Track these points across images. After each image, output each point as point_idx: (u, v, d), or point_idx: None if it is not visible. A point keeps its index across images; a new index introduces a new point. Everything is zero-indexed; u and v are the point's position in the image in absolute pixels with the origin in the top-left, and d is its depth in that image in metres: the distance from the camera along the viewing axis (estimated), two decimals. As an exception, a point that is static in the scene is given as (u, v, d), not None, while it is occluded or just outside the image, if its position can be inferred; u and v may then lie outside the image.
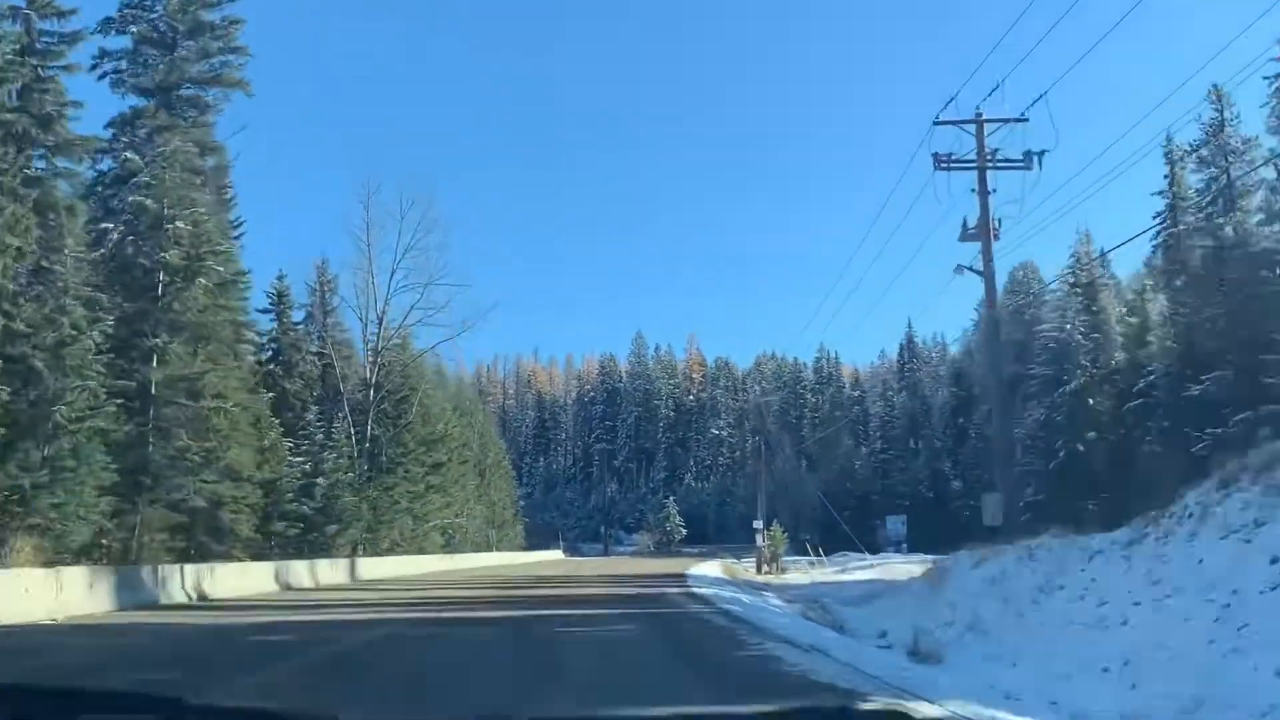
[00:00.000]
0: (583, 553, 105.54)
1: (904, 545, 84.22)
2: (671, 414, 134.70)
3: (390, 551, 39.52)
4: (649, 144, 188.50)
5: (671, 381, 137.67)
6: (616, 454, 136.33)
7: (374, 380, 39.45)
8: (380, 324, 39.90)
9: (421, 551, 43.33)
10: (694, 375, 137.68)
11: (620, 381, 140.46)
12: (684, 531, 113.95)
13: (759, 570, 48.74)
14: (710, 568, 43.95)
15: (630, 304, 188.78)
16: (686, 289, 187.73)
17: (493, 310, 68.03)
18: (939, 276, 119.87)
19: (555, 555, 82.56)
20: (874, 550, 69.45)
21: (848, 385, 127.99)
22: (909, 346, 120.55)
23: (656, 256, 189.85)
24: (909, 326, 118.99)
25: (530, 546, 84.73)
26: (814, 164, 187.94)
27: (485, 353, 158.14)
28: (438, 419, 45.40)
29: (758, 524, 56.31)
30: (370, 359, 40.00)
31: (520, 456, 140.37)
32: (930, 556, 61.38)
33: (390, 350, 40.58)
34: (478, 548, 60.59)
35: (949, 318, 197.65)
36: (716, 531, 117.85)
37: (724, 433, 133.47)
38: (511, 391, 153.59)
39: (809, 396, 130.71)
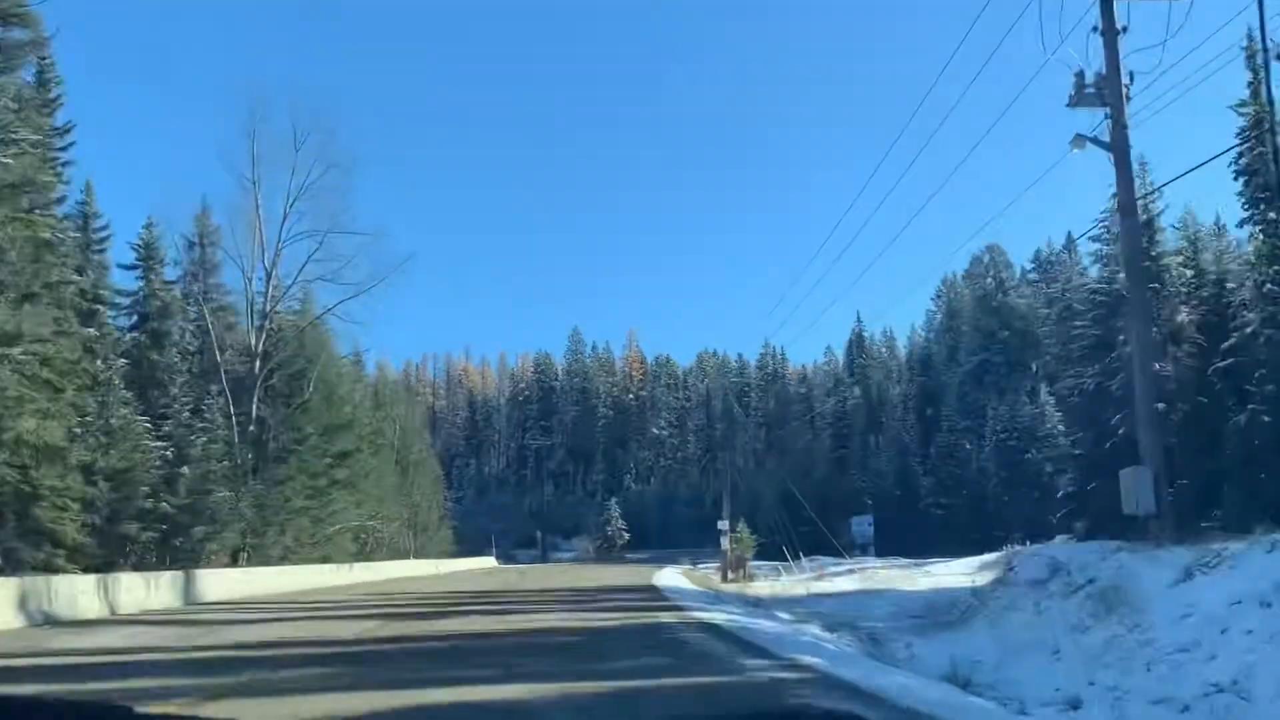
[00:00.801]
0: (518, 560, 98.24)
1: (871, 548, 78.75)
2: (610, 413, 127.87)
3: (285, 560, 32.19)
4: (585, 137, 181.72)
5: (610, 380, 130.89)
6: (552, 455, 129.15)
7: (260, 349, 31.96)
8: (269, 280, 32.47)
9: (327, 560, 36.04)
10: (633, 373, 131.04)
11: (556, 380, 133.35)
12: (626, 535, 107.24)
13: (724, 578, 42.09)
14: (673, 576, 37.18)
15: (567, 300, 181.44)
16: (626, 284, 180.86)
17: (409, 262, 51.75)
18: (895, 274, 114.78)
19: (488, 562, 75.06)
20: (838, 553, 63.22)
21: (794, 383, 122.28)
22: (858, 343, 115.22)
23: (595, 251, 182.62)
24: (858, 321, 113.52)
25: (461, 553, 77.03)
26: (757, 158, 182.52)
27: (413, 351, 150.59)
28: (344, 401, 37.96)
29: (723, 524, 49.58)
30: (256, 324, 32.42)
31: (451, 459, 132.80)
32: (909, 560, 55.68)
33: (282, 315, 33.06)
34: (398, 555, 53.19)
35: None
36: (660, 535, 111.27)
37: (665, 433, 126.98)
38: (442, 391, 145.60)
39: (754, 395, 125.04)
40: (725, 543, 48.61)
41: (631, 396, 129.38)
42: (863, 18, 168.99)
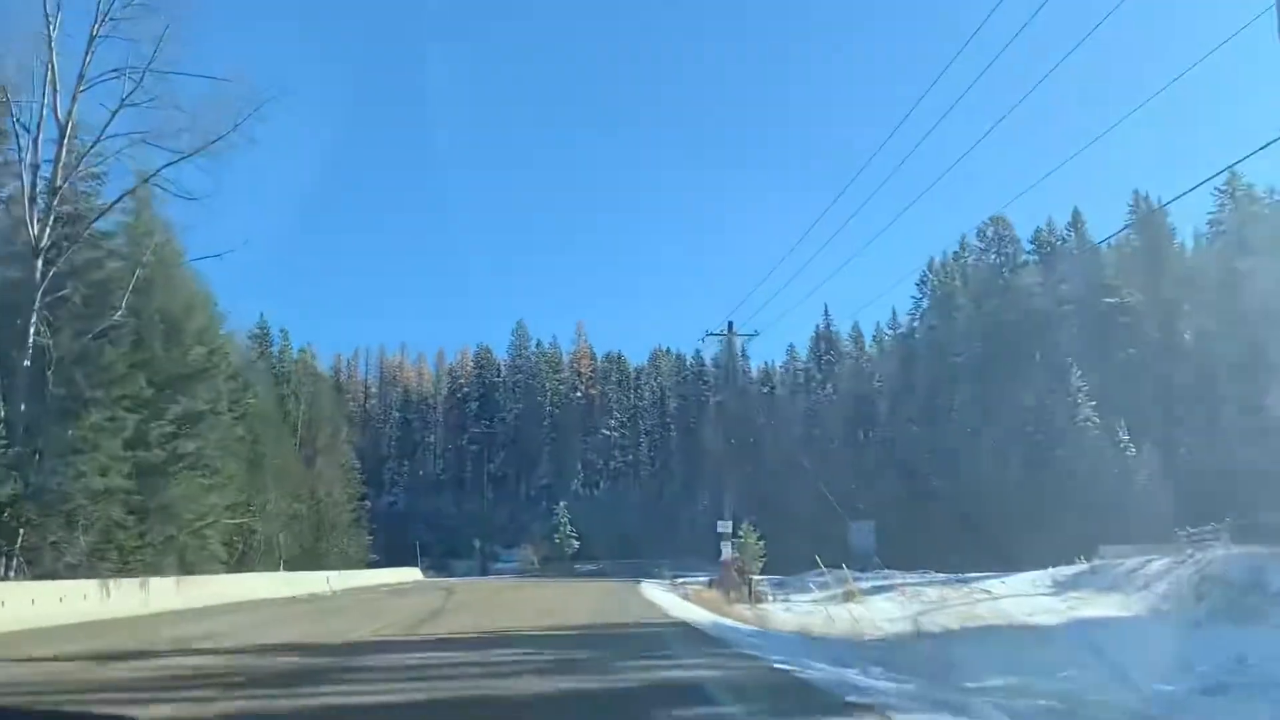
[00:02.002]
0: (453, 571, 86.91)
1: (874, 559, 68.31)
2: (557, 412, 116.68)
3: (77, 571, 20.77)
4: (530, 120, 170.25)
5: (557, 376, 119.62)
6: (493, 457, 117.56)
7: (45, 240, 20.71)
8: (64, 140, 21.21)
9: (157, 571, 24.67)
10: (582, 370, 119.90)
11: (499, 376, 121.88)
12: (576, 544, 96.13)
13: (726, 597, 31.27)
14: (669, 598, 26.41)
15: (512, 292, 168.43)
16: (575, 275, 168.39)
17: (270, 103, 26.00)
18: (864, 269, 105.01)
19: (410, 576, 63.31)
20: (835, 566, 52.93)
21: (755, 381, 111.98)
22: (825, 337, 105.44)
23: (540, 239, 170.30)
24: (825, 316, 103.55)
25: (386, 562, 65.69)
26: (708, 147, 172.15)
27: (344, 345, 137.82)
28: (195, 336, 26.34)
29: (724, 526, 38.03)
30: (39, 204, 21.00)
31: (382, 462, 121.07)
32: (937, 574, 45.19)
33: (79, 194, 21.64)
34: (290, 565, 41.62)
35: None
36: (611, 545, 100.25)
37: (615, 434, 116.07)
38: (374, 390, 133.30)
39: (709, 396, 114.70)
40: (727, 551, 37.75)
41: (580, 394, 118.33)
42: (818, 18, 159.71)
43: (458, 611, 22.77)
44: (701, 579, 45.93)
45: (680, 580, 50.44)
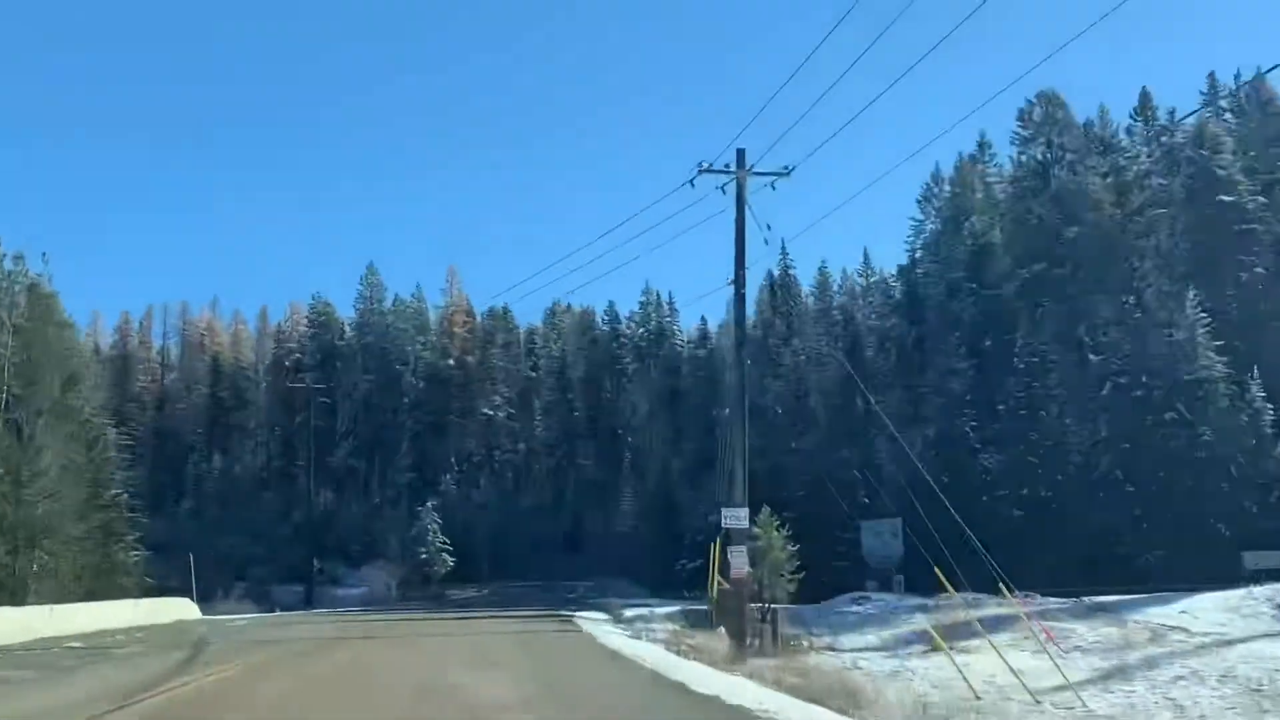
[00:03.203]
0: (275, 601, 60.21)
1: (896, 575, 45.39)
2: (422, 385, 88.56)
3: None
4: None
5: (422, 339, 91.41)
6: (334, 447, 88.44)
7: None
8: None
9: None
10: (456, 330, 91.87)
11: (342, 339, 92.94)
12: (450, 562, 68.21)
13: (741, 643, 19.73)
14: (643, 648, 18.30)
15: (356, 228, 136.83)
16: (441, 210, 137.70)
17: None
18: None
19: (177, 613, 35.23)
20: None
21: (689, 345, 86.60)
22: (781, 283, 80.00)
23: (395, 159, 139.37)
24: (782, 252, 77.18)
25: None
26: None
27: (130, 300, 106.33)
28: None
29: (734, 516, 22.11)
30: None
31: (185, 455, 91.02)
32: (1067, 602, 21.59)
33: None
34: None
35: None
36: (500, 564, 73.67)
37: (502, 414, 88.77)
38: (175, 360, 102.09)
39: (629, 365, 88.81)
40: (739, 562, 21.94)
41: (452, 363, 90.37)
42: None
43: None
44: (659, 611, 31.04)
45: (630, 609, 32.87)
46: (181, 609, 36.58)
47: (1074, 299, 51.74)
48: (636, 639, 22.25)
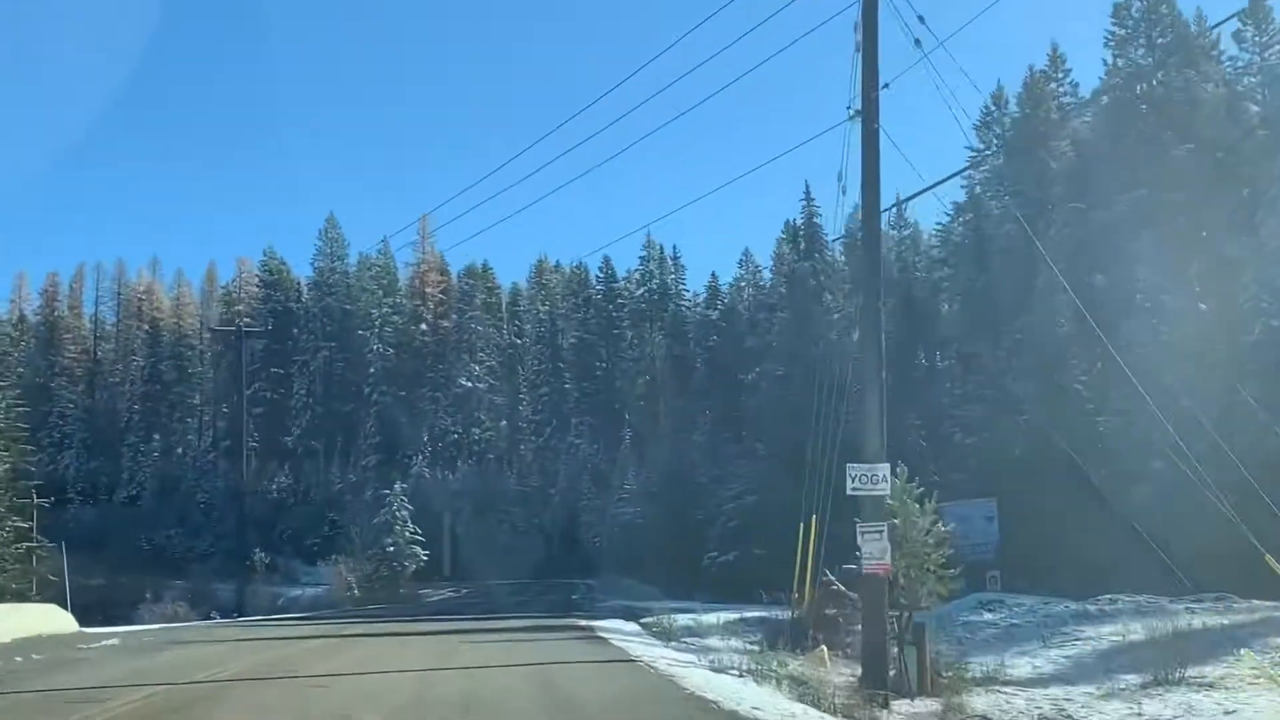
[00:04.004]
0: (217, 603, 50.17)
1: (993, 573, 33.21)
2: (390, 353, 77.21)
3: None
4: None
5: (389, 301, 79.90)
6: (289, 423, 77.19)
7: None
8: None
9: None
10: (429, 290, 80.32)
11: (298, 301, 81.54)
12: (424, 556, 56.64)
13: (879, 674, 13.83)
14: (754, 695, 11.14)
15: (314, 173, 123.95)
16: (413, 150, 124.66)
17: None
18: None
19: (43, 622, 22.94)
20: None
21: (695, 307, 75.83)
22: (804, 229, 67.97)
23: (353, 89, 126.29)
24: (806, 195, 64.93)
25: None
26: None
27: (61, 260, 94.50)
28: None
29: (869, 477, 13.98)
30: None
31: (119, 435, 79.79)
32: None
33: None
34: None
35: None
36: (481, 558, 62.10)
37: (482, 385, 77.48)
38: (109, 328, 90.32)
39: (628, 330, 77.74)
40: (878, 550, 14.08)
41: (425, 328, 78.91)
42: None
43: None
44: (704, 620, 23.88)
45: (676, 623, 23.23)
46: (39, 620, 24.73)
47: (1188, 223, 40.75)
48: (720, 673, 14.46)
